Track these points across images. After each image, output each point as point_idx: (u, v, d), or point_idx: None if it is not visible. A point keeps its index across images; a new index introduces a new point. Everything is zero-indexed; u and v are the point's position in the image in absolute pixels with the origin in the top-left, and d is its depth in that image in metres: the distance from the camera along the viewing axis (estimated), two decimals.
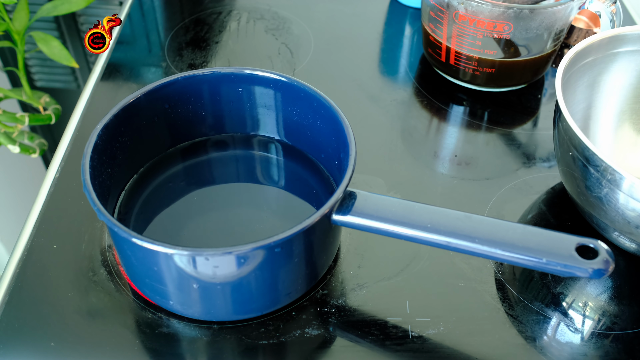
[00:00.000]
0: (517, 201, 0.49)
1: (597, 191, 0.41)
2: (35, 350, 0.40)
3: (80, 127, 0.54)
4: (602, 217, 0.42)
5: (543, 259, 0.35)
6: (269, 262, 0.37)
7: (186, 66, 0.61)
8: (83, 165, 0.39)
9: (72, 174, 0.50)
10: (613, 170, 0.39)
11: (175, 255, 0.36)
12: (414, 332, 0.41)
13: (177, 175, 0.48)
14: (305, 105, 0.46)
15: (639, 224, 0.40)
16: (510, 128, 0.56)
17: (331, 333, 0.41)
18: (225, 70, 0.46)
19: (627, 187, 0.39)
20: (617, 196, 0.40)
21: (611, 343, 0.41)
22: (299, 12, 0.68)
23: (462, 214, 0.38)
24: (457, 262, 0.45)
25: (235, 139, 0.50)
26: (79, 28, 0.90)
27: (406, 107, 0.58)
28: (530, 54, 0.55)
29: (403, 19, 0.69)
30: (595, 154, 0.40)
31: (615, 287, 0.44)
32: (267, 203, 0.47)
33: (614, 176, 0.39)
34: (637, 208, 0.39)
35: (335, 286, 0.43)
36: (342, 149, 0.42)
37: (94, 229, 0.46)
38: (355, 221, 0.38)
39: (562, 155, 0.45)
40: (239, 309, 0.40)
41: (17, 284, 0.43)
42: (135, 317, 0.41)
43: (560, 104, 0.43)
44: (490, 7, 0.51)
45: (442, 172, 0.52)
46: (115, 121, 0.42)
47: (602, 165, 0.39)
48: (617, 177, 0.39)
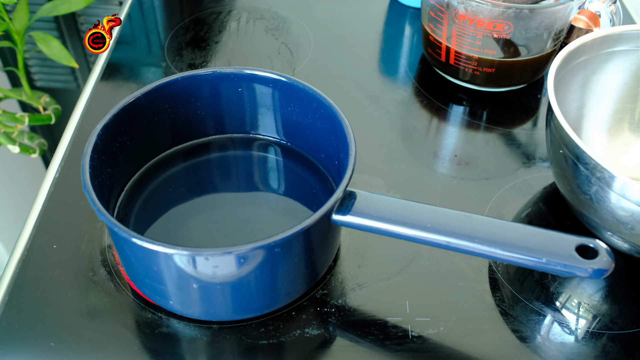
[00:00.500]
0: (517, 201, 0.49)
1: (587, 189, 0.41)
2: (35, 350, 0.40)
3: (80, 127, 0.54)
4: (593, 215, 0.42)
5: (543, 258, 0.35)
6: (269, 262, 0.37)
7: (186, 66, 0.61)
8: (83, 165, 0.39)
9: (72, 174, 0.50)
10: (602, 168, 0.39)
11: (175, 255, 0.36)
12: (413, 332, 0.41)
13: (177, 175, 0.48)
14: (305, 105, 0.46)
15: (629, 224, 0.40)
16: (510, 128, 0.56)
17: (331, 333, 0.41)
18: (225, 70, 0.46)
19: (618, 186, 0.39)
20: (608, 195, 0.40)
21: (610, 343, 0.41)
22: (299, 12, 0.68)
23: (462, 214, 0.38)
24: (457, 262, 0.45)
25: (235, 139, 0.50)
26: (79, 28, 0.90)
27: (406, 107, 0.58)
28: (530, 53, 0.55)
29: (403, 18, 0.69)
30: (584, 152, 0.40)
31: (614, 287, 0.44)
32: (267, 203, 0.47)
33: (603, 174, 0.39)
34: (628, 207, 0.39)
35: (335, 286, 0.43)
36: (342, 149, 0.42)
37: (94, 229, 0.46)
38: (355, 221, 0.38)
39: (554, 154, 0.45)
40: (239, 309, 0.40)
41: (17, 284, 0.43)
42: (135, 317, 0.41)
43: (551, 102, 0.43)
44: (490, 7, 0.51)
45: (442, 172, 0.52)
46: (115, 121, 0.42)
47: (592, 163, 0.39)
48: (606, 175, 0.39)
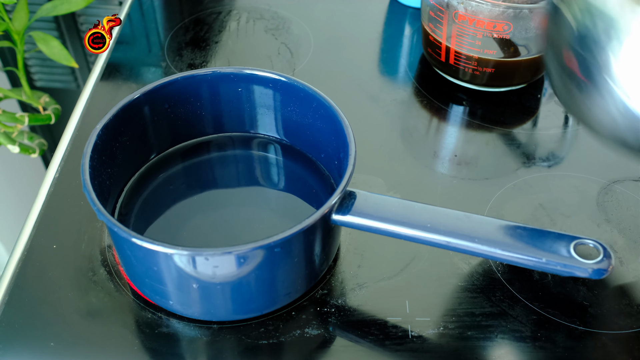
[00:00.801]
0: (517, 201, 0.49)
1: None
2: (35, 350, 0.40)
3: (80, 127, 0.54)
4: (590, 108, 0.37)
5: (543, 258, 0.36)
6: (269, 262, 0.37)
7: (186, 66, 0.61)
8: (83, 165, 0.39)
9: (72, 174, 0.50)
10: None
11: (175, 255, 0.36)
12: (413, 332, 0.41)
13: (177, 175, 0.48)
14: (305, 105, 0.46)
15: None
16: (510, 128, 0.56)
17: (331, 333, 0.41)
18: (224, 70, 0.46)
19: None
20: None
21: (611, 342, 0.41)
22: (299, 12, 0.68)
23: (462, 213, 0.38)
24: (457, 262, 0.45)
25: (235, 139, 0.50)
26: (79, 28, 0.90)
27: (406, 107, 0.58)
28: (530, 53, 0.55)
29: (403, 18, 0.69)
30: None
31: (613, 287, 0.44)
32: (266, 203, 0.47)
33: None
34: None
35: (335, 286, 0.43)
36: (342, 149, 0.42)
37: (94, 229, 0.46)
38: (355, 221, 0.38)
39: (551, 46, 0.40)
40: (239, 309, 0.40)
41: (17, 284, 0.43)
42: (135, 317, 0.41)
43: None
44: (490, 6, 0.51)
45: (442, 172, 0.52)
46: (115, 121, 0.42)
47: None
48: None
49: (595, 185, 0.51)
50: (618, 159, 0.52)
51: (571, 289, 0.44)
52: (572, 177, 0.51)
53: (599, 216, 0.48)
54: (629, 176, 0.51)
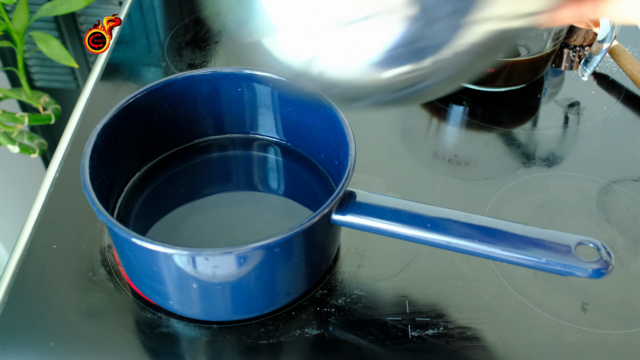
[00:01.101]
0: (517, 201, 0.49)
1: None
2: (35, 350, 0.40)
3: (80, 127, 0.54)
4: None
5: (543, 258, 0.35)
6: (269, 262, 0.37)
7: (186, 66, 0.61)
8: (83, 165, 0.39)
9: (72, 174, 0.50)
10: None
11: (175, 255, 0.36)
12: (413, 332, 0.41)
13: (177, 175, 0.48)
14: (305, 105, 0.46)
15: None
16: (509, 128, 0.56)
17: (331, 333, 0.41)
18: (224, 70, 0.46)
19: None
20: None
21: (611, 342, 0.41)
22: None
23: (462, 214, 0.38)
24: (457, 262, 0.45)
25: (235, 139, 0.50)
26: (79, 28, 0.90)
27: (406, 107, 0.58)
28: (530, 53, 0.55)
29: None
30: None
31: (613, 287, 0.44)
32: (266, 203, 0.47)
33: None
34: None
35: (335, 286, 0.43)
36: (342, 149, 0.42)
37: (94, 229, 0.46)
38: (354, 221, 0.38)
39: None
40: (239, 309, 0.40)
41: (17, 284, 0.43)
42: (135, 317, 0.41)
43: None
44: None
45: (441, 172, 0.52)
46: (115, 121, 0.42)
47: None
48: None
49: (595, 185, 0.51)
50: (618, 159, 0.52)
51: (571, 288, 0.44)
52: (572, 177, 0.51)
53: (599, 216, 0.48)
54: (629, 176, 0.51)
